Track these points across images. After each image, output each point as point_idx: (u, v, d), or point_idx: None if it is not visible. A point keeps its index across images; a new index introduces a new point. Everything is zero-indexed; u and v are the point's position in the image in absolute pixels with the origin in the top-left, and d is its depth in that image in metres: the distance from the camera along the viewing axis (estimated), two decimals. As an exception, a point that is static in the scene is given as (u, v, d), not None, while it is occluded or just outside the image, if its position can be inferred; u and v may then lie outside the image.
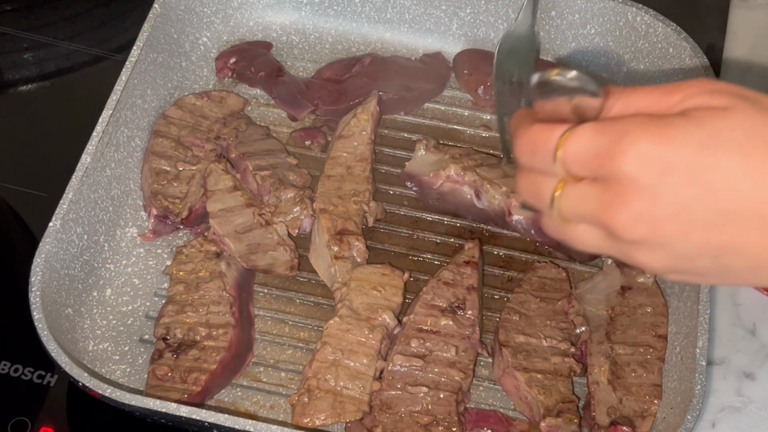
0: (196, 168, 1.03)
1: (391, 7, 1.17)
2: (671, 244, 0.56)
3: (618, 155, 0.54)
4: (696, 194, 0.54)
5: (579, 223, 0.59)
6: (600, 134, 0.56)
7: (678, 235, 0.55)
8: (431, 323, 0.93)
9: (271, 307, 0.98)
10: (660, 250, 0.57)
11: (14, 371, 0.94)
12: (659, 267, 0.58)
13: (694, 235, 0.55)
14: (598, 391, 0.89)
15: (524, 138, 0.59)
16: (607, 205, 0.56)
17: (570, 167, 0.57)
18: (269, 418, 0.91)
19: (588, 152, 0.56)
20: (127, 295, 0.98)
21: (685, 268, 0.58)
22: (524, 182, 0.61)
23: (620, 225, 0.56)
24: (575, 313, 0.95)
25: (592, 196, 0.57)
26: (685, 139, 0.54)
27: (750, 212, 0.54)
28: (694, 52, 1.05)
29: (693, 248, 0.56)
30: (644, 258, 0.58)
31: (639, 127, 0.55)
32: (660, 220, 0.55)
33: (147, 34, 1.04)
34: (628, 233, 0.56)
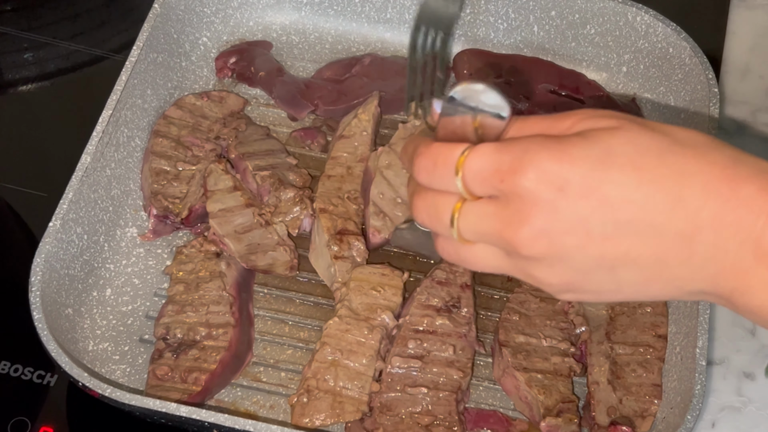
0: (196, 168, 1.03)
1: (391, 7, 1.17)
2: (569, 258, 0.57)
3: (518, 171, 0.56)
4: (592, 207, 0.55)
5: (477, 243, 0.60)
6: (501, 152, 0.57)
7: (576, 248, 0.56)
8: (427, 323, 0.93)
9: (270, 307, 0.98)
10: (558, 265, 0.58)
11: (14, 371, 0.94)
12: (556, 283, 0.59)
13: (591, 247, 0.56)
14: (598, 391, 0.89)
15: (424, 155, 0.59)
16: (508, 221, 0.57)
17: (470, 184, 0.58)
18: (269, 418, 0.91)
19: (489, 168, 0.57)
20: (127, 295, 0.98)
21: (581, 285, 0.59)
22: (421, 203, 0.61)
23: (521, 241, 0.56)
24: (575, 312, 0.95)
25: (492, 213, 0.57)
26: (581, 155, 0.55)
27: (643, 222, 0.55)
28: (694, 52, 1.05)
29: (590, 261, 0.57)
30: (542, 274, 0.58)
31: (539, 145, 0.56)
32: (559, 234, 0.56)
33: (147, 34, 1.04)
34: (528, 249, 0.57)
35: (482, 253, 0.60)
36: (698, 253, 0.56)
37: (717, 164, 0.56)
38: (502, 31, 1.16)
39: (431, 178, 0.59)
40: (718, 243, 0.55)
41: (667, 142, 0.56)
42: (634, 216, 0.55)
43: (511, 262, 0.59)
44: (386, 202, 0.99)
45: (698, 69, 1.04)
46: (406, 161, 0.62)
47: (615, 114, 0.59)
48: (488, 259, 0.60)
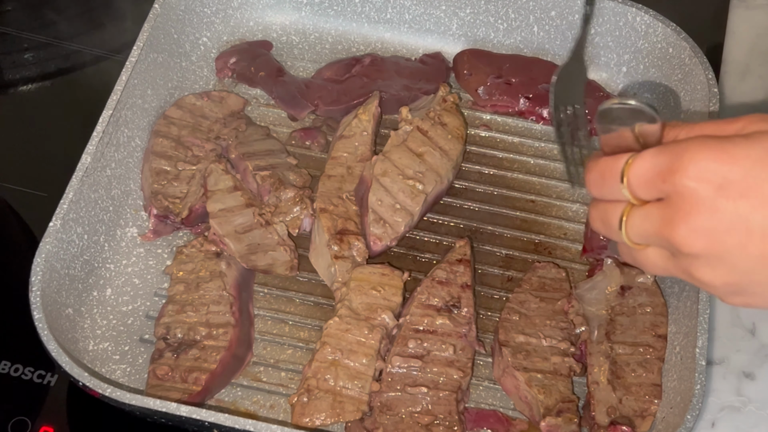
0: (196, 168, 1.03)
1: (391, 7, 1.17)
2: (730, 257, 0.58)
3: (678, 171, 0.57)
4: (753, 206, 0.57)
5: (647, 246, 0.62)
6: (661, 154, 0.59)
7: (736, 247, 0.58)
8: (427, 323, 0.93)
9: (271, 306, 0.98)
10: (720, 265, 0.59)
11: (14, 371, 0.94)
12: (720, 284, 0.60)
13: (752, 246, 0.57)
14: (598, 391, 0.89)
15: (593, 171, 0.63)
16: (668, 220, 0.59)
17: (635, 189, 0.60)
18: (269, 417, 0.91)
19: (651, 171, 0.59)
20: (128, 294, 0.98)
21: (746, 286, 0.60)
22: (595, 213, 0.65)
23: (680, 238, 0.58)
24: (575, 312, 0.95)
25: (655, 214, 0.60)
26: (742, 154, 0.57)
27: None
28: (694, 52, 1.05)
29: (752, 260, 0.58)
30: (704, 275, 0.60)
31: (698, 144, 0.58)
32: (719, 233, 0.57)
33: (147, 34, 1.04)
34: (688, 246, 0.58)
35: (652, 255, 0.63)
36: None
37: None
38: (502, 31, 1.16)
39: (601, 190, 0.63)
40: None
41: None
42: None
43: (675, 263, 0.61)
44: (385, 208, 0.99)
45: (698, 69, 1.04)
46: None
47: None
48: (657, 260, 0.63)
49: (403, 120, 1.04)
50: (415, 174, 1.01)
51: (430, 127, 1.04)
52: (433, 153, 1.02)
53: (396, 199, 0.99)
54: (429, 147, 1.02)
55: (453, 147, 1.04)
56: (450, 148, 1.04)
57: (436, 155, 1.02)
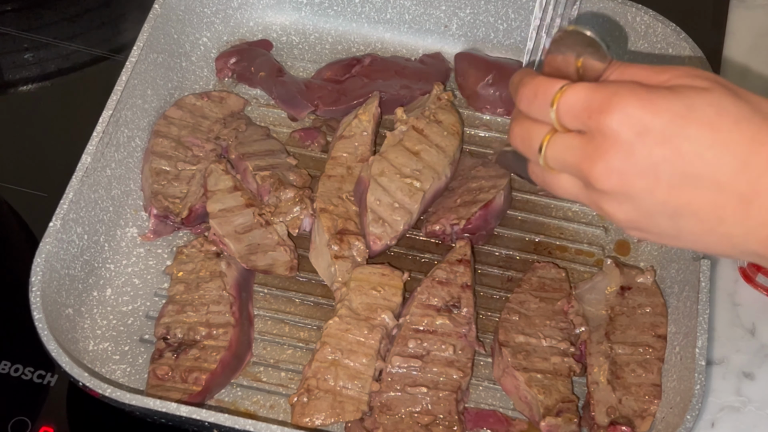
0: (196, 168, 1.03)
1: (391, 7, 1.17)
2: (637, 199, 0.62)
3: (605, 111, 0.61)
4: (665, 156, 0.60)
5: (561, 171, 0.66)
6: (594, 91, 0.62)
7: (644, 191, 0.62)
8: (427, 323, 0.93)
9: (270, 307, 0.98)
10: (626, 203, 0.63)
11: (14, 371, 0.94)
12: (623, 219, 0.64)
13: (658, 192, 0.61)
14: (598, 391, 0.89)
15: (527, 86, 0.66)
16: (587, 155, 0.62)
17: (562, 116, 0.63)
18: (269, 417, 0.91)
19: (581, 105, 0.62)
20: (128, 295, 0.98)
21: (645, 225, 0.64)
22: (518, 129, 0.68)
23: (596, 175, 0.62)
24: (575, 313, 0.95)
25: (576, 146, 0.63)
26: (665, 107, 0.60)
27: (709, 178, 0.60)
28: (694, 53, 1.05)
29: (655, 205, 0.62)
30: (611, 209, 0.64)
31: (628, 90, 0.61)
32: (631, 175, 0.61)
33: (147, 35, 1.04)
34: (602, 183, 0.62)
35: (565, 182, 0.66)
36: (754, 216, 0.61)
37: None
38: (502, 32, 1.16)
39: (530, 107, 0.66)
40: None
41: (748, 110, 0.61)
42: (701, 171, 0.60)
43: (586, 194, 0.65)
44: (384, 207, 0.99)
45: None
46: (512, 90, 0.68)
47: (711, 76, 0.63)
48: (569, 187, 0.66)
49: (399, 120, 1.04)
50: (412, 172, 1.01)
51: (425, 125, 1.04)
52: (430, 150, 1.02)
53: (394, 198, 0.99)
54: (425, 145, 1.03)
55: (449, 143, 1.04)
56: (446, 144, 1.04)
57: (433, 152, 1.02)
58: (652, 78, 0.64)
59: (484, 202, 1.00)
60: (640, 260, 1.02)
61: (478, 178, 1.04)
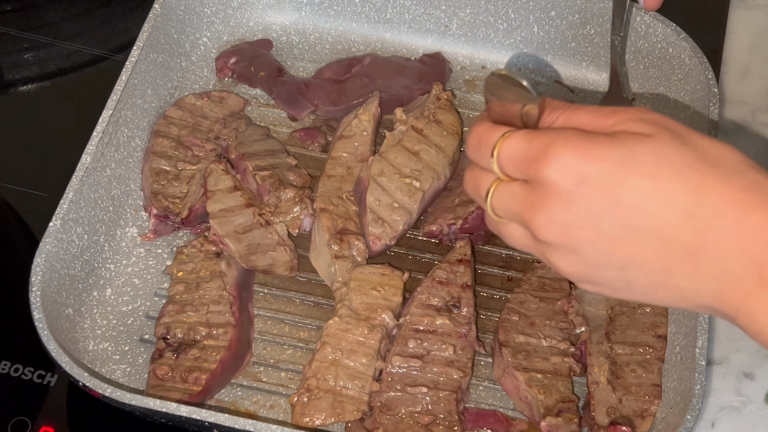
0: (196, 168, 1.03)
1: (391, 7, 1.17)
2: (581, 251, 0.60)
3: (542, 161, 0.59)
4: (605, 207, 0.58)
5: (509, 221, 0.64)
6: (532, 140, 0.60)
7: (587, 243, 0.59)
8: (427, 323, 0.93)
9: (270, 307, 0.98)
10: (571, 255, 0.61)
11: (14, 371, 0.94)
12: (572, 272, 0.62)
13: (601, 244, 0.59)
14: (598, 391, 0.89)
15: (473, 133, 0.64)
16: (529, 205, 0.60)
17: (503, 166, 0.62)
18: (269, 417, 0.91)
19: (519, 154, 0.60)
20: (128, 294, 0.98)
21: (595, 278, 0.62)
22: (468, 175, 0.66)
23: (537, 226, 0.60)
24: (575, 312, 0.95)
25: (519, 195, 0.62)
26: (603, 155, 0.58)
27: (651, 231, 0.58)
28: (694, 52, 1.05)
29: (600, 257, 0.60)
30: (558, 261, 0.62)
31: (565, 139, 0.59)
32: (572, 226, 0.59)
33: (147, 34, 1.04)
34: (544, 235, 0.60)
35: (515, 231, 0.64)
36: (702, 270, 0.58)
37: (734, 187, 0.57)
38: (502, 31, 1.16)
39: (476, 156, 0.64)
40: (722, 263, 0.57)
41: (693, 157, 0.58)
42: (643, 223, 0.58)
43: (534, 244, 0.63)
44: (383, 208, 0.99)
45: (698, 69, 1.04)
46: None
47: (658, 121, 0.60)
48: (519, 237, 0.64)
49: (398, 120, 1.04)
50: (411, 172, 1.01)
51: (424, 125, 1.04)
52: (429, 150, 1.02)
53: (394, 198, 0.99)
54: (425, 145, 1.03)
55: (449, 143, 1.04)
56: (446, 144, 1.04)
57: (432, 152, 1.02)
58: (597, 123, 0.61)
59: None
60: (640, 260, 1.02)
61: None
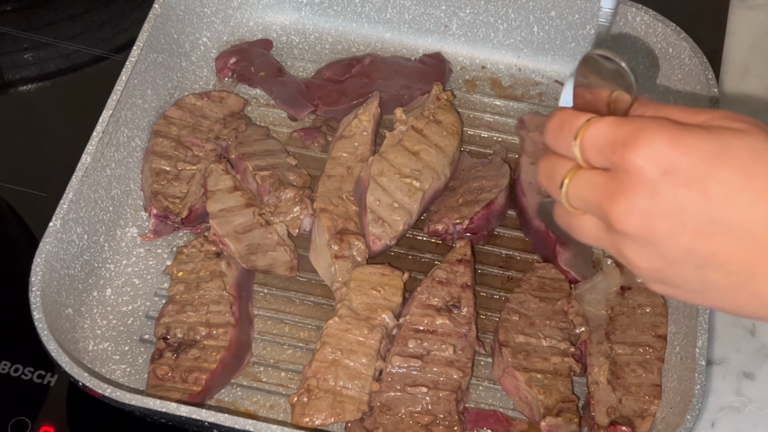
0: (196, 168, 1.03)
1: (391, 7, 1.17)
2: (660, 244, 0.58)
3: (630, 146, 0.57)
4: (693, 198, 0.56)
5: (583, 212, 0.62)
6: (621, 125, 0.58)
7: (668, 235, 0.57)
8: (427, 323, 0.93)
9: (270, 307, 0.98)
10: (649, 248, 0.58)
11: (14, 371, 0.94)
12: (646, 267, 0.60)
13: (683, 237, 0.57)
14: (598, 391, 0.89)
15: (555, 118, 0.62)
16: (609, 193, 0.58)
17: (586, 152, 0.60)
18: (269, 417, 0.91)
19: (605, 139, 0.58)
20: (128, 294, 0.98)
21: (669, 276, 0.59)
22: (543, 164, 0.64)
23: (617, 214, 0.58)
24: (575, 313, 0.95)
25: (599, 183, 0.59)
26: (696, 145, 0.56)
27: (740, 227, 0.56)
28: (694, 52, 1.05)
29: (679, 252, 0.57)
30: (633, 254, 0.59)
31: (657, 126, 0.57)
32: (654, 217, 0.57)
33: (147, 34, 1.04)
34: (623, 224, 0.58)
35: (587, 223, 0.62)
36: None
37: None
38: (502, 31, 1.16)
39: (556, 141, 0.62)
40: None
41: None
42: (732, 218, 0.56)
43: (608, 237, 0.60)
44: (383, 208, 0.99)
45: (698, 69, 1.04)
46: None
47: (750, 120, 0.59)
48: (591, 229, 0.62)
49: (398, 120, 1.04)
50: (411, 172, 1.01)
51: (424, 125, 1.04)
52: (429, 150, 1.02)
53: (394, 198, 0.99)
54: (424, 145, 1.03)
55: (449, 143, 1.04)
56: (446, 144, 1.04)
57: (432, 152, 1.02)
58: (687, 117, 0.60)
59: (487, 202, 1.00)
60: (640, 260, 1.02)
61: (479, 177, 1.04)
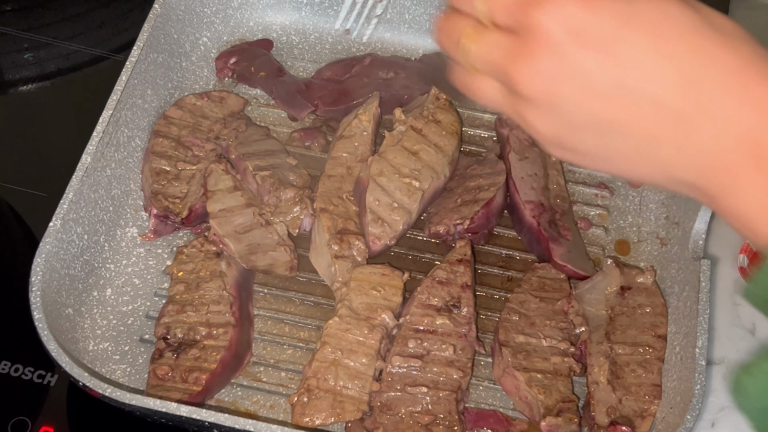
0: (196, 168, 1.03)
1: (391, 7, 1.17)
2: (562, 107, 0.56)
3: (539, 5, 0.54)
4: (599, 61, 0.54)
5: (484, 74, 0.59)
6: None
7: (571, 98, 0.55)
8: (428, 323, 0.93)
9: (270, 306, 0.98)
10: (550, 112, 0.56)
11: (14, 371, 0.94)
12: (546, 132, 0.58)
13: (587, 101, 0.55)
14: (598, 391, 0.89)
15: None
16: (514, 54, 0.56)
17: (492, 9, 0.57)
18: (269, 417, 0.91)
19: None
20: (128, 294, 0.98)
21: (570, 141, 0.57)
22: (443, 22, 0.61)
23: (520, 76, 0.56)
24: (575, 313, 0.95)
25: (503, 44, 0.57)
26: (606, 6, 0.54)
27: (646, 92, 0.54)
28: (694, 52, 1.05)
29: (583, 116, 0.56)
30: (534, 119, 0.57)
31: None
32: (558, 79, 0.55)
33: (147, 34, 1.04)
34: (526, 87, 0.56)
35: (487, 85, 0.59)
36: (693, 140, 0.54)
37: (740, 57, 0.53)
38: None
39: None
40: (716, 134, 0.53)
41: (699, 20, 0.54)
42: (637, 82, 0.54)
43: (509, 100, 0.58)
44: (383, 208, 0.99)
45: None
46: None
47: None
48: (491, 92, 0.60)
49: (397, 120, 1.04)
50: (411, 172, 1.01)
51: (423, 125, 1.04)
52: (428, 150, 1.02)
53: (393, 198, 0.99)
54: (424, 144, 1.03)
55: (448, 143, 1.04)
56: (445, 144, 1.04)
57: (431, 152, 1.02)
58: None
59: (485, 201, 1.00)
60: (640, 260, 1.02)
61: (475, 176, 1.04)
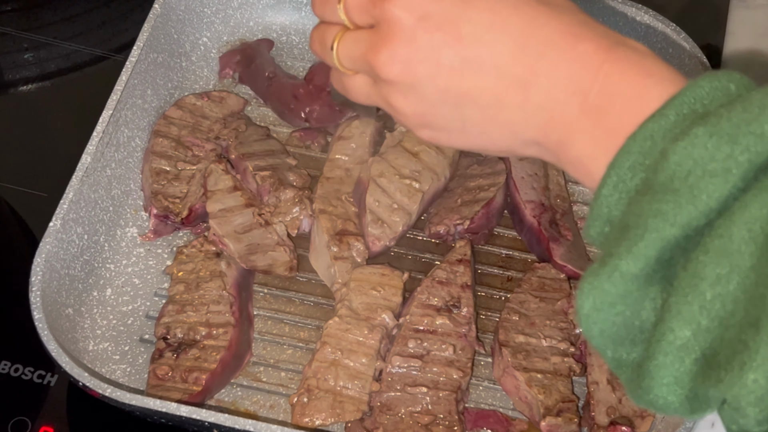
0: (196, 168, 1.03)
1: (391, 7, 1.17)
2: (421, 87, 0.62)
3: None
4: (445, 40, 0.60)
5: (356, 72, 0.66)
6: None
7: (427, 78, 0.61)
8: (427, 323, 0.93)
9: (270, 306, 0.98)
10: (411, 94, 0.62)
11: (14, 371, 0.94)
12: (410, 113, 0.63)
13: (440, 78, 0.61)
14: (598, 391, 0.89)
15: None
16: (373, 45, 0.62)
17: (350, 12, 0.64)
18: (269, 417, 0.91)
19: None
20: (128, 294, 0.98)
21: (432, 119, 0.63)
22: (314, 33, 0.68)
23: (379, 63, 0.62)
24: (575, 313, 0.95)
25: (363, 39, 0.63)
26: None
27: (487, 62, 0.60)
28: (694, 52, 1.05)
29: (438, 93, 0.61)
30: (398, 102, 0.63)
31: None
32: (413, 62, 0.61)
33: (147, 34, 1.04)
34: (385, 72, 0.62)
35: (358, 81, 0.66)
36: (532, 100, 0.59)
37: (565, 22, 0.60)
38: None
39: (323, 11, 0.67)
40: (551, 92, 0.59)
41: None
42: (480, 55, 0.60)
43: (376, 90, 0.65)
44: (383, 209, 0.99)
45: (698, 69, 1.04)
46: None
47: None
48: (362, 87, 0.66)
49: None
50: (411, 173, 1.01)
51: None
52: (429, 151, 1.02)
53: (393, 199, 0.99)
54: (424, 146, 1.03)
55: None
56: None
57: (432, 153, 1.02)
58: None
59: (486, 201, 1.00)
60: (640, 260, 1.02)
61: (475, 176, 1.04)
